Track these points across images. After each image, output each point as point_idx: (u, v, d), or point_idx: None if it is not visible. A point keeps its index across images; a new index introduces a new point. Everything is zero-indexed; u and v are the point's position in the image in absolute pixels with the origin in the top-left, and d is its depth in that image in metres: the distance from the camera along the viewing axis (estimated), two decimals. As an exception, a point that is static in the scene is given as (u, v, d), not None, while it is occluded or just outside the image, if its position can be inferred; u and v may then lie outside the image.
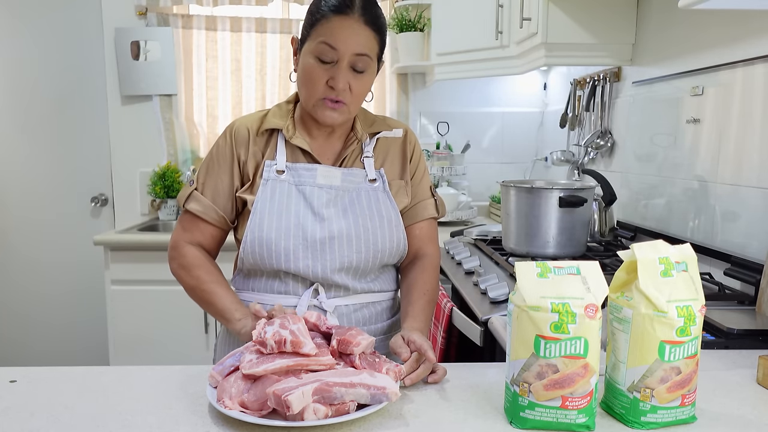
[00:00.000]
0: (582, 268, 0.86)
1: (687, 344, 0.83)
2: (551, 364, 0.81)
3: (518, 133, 3.29)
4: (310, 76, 1.15)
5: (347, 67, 1.13)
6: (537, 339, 0.82)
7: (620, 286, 0.89)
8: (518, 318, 0.83)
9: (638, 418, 0.85)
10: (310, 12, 1.17)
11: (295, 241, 1.18)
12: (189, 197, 1.25)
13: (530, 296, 0.82)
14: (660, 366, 0.83)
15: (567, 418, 0.83)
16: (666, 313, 0.82)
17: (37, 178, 3.30)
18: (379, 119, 1.30)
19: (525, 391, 0.83)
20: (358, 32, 1.13)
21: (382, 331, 1.27)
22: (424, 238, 1.31)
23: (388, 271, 1.30)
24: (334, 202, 1.21)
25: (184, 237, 1.26)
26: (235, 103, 3.19)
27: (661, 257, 0.85)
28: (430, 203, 1.31)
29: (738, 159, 1.60)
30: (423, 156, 1.34)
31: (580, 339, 0.81)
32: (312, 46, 1.14)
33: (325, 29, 1.12)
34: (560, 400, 0.82)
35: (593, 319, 0.81)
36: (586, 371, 0.82)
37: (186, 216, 1.27)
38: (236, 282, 1.30)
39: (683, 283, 0.85)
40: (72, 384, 1.00)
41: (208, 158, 1.27)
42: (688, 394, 0.85)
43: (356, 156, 1.26)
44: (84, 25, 3.20)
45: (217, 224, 1.25)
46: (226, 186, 1.24)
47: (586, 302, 0.81)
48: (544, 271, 0.85)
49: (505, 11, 2.43)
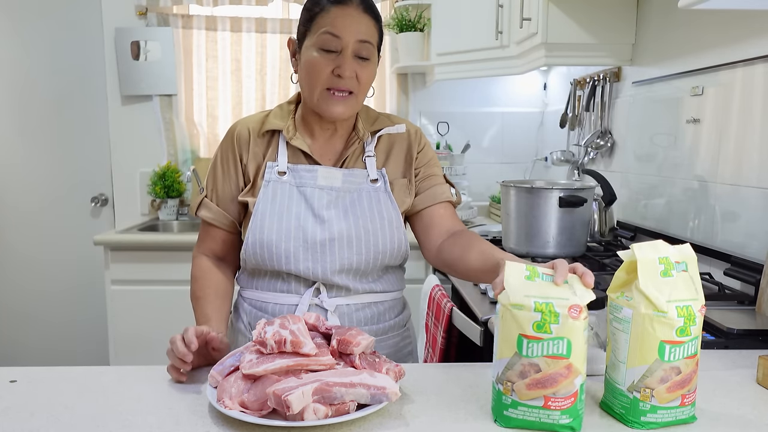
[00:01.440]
0: (570, 279, 0.85)
1: (687, 344, 0.83)
2: (533, 364, 0.81)
3: (518, 133, 3.29)
4: (314, 68, 1.14)
5: (352, 55, 1.13)
6: (520, 338, 0.82)
7: (620, 286, 0.89)
8: (503, 317, 0.84)
9: (638, 418, 0.84)
10: (307, 8, 1.17)
11: (295, 243, 1.18)
12: (200, 205, 1.28)
13: (515, 295, 0.82)
14: (660, 366, 0.83)
15: (550, 418, 0.82)
16: (666, 313, 0.82)
17: (37, 178, 3.30)
18: (382, 116, 1.29)
19: (508, 389, 0.84)
20: (359, 20, 1.13)
21: (384, 331, 1.27)
22: (449, 217, 1.26)
23: (392, 272, 1.29)
24: (335, 204, 1.21)
25: (198, 248, 1.31)
26: (235, 103, 3.19)
27: (661, 257, 0.85)
28: (447, 188, 1.29)
29: (738, 159, 1.60)
30: (434, 153, 1.33)
31: (562, 339, 0.81)
32: (314, 39, 1.14)
33: (326, 20, 1.13)
34: (543, 400, 0.82)
35: (577, 320, 0.80)
36: (569, 372, 0.81)
37: (201, 224, 1.31)
38: (241, 280, 1.31)
39: (683, 283, 0.85)
40: (72, 384, 1.00)
41: (213, 163, 1.28)
42: (688, 394, 0.85)
43: (358, 156, 1.25)
44: (84, 25, 3.20)
45: (228, 229, 1.28)
46: (232, 189, 1.26)
47: (571, 303, 0.81)
48: (532, 274, 0.85)
49: (505, 11, 2.43)
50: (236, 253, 1.30)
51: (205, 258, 1.29)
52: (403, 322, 1.33)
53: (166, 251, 2.63)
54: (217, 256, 1.30)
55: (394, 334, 1.29)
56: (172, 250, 2.62)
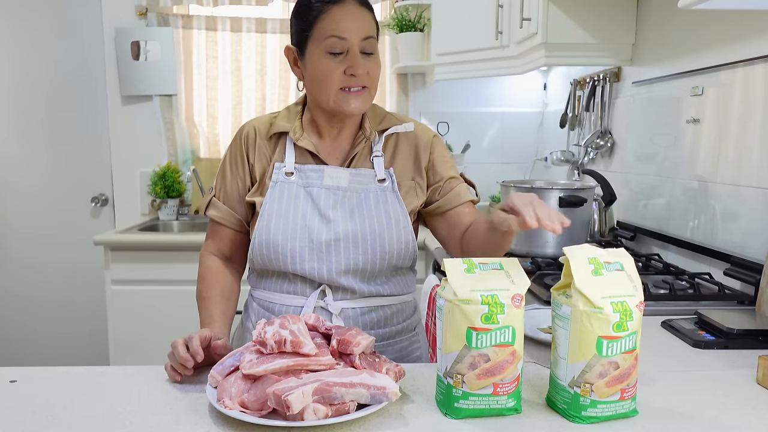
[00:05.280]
0: (504, 264, 0.90)
1: (624, 339, 0.85)
2: (483, 354, 0.85)
3: (518, 133, 3.29)
4: (326, 73, 1.14)
5: (359, 53, 1.14)
6: (469, 331, 0.85)
7: (562, 286, 0.92)
8: (450, 312, 0.86)
9: (579, 413, 0.86)
10: (301, 15, 1.16)
11: (301, 243, 1.18)
12: (209, 204, 1.29)
13: (461, 290, 0.85)
14: (598, 361, 0.85)
15: (498, 403, 0.87)
16: (602, 309, 0.84)
17: (37, 178, 3.30)
18: (390, 115, 1.28)
19: (458, 382, 0.86)
20: (359, 16, 1.14)
21: (390, 335, 1.26)
22: (473, 215, 1.26)
23: (401, 275, 1.27)
24: (341, 204, 1.20)
25: (206, 247, 1.32)
26: (235, 103, 3.19)
27: (590, 257, 0.88)
28: (465, 187, 1.28)
29: (738, 159, 1.60)
30: (447, 151, 1.30)
31: (508, 328, 0.85)
32: (318, 44, 1.14)
33: (328, 23, 1.12)
34: (492, 387, 0.86)
35: (519, 308, 0.86)
36: (513, 357, 0.86)
37: (209, 223, 1.31)
38: (251, 280, 1.32)
39: (618, 280, 0.87)
40: (72, 384, 1.00)
41: (222, 163, 1.29)
42: (628, 389, 0.87)
43: (365, 155, 1.24)
44: (84, 25, 3.20)
45: (236, 228, 1.28)
46: (240, 189, 1.26)
47: (512, 293, 0.86)
48: (470, 267, 0.89)
49: (505, 11, 2.43)
50: (244, 253, 1.30)
51: (213, 257, 1.29)
52: (411, 327, 1.32)
53: (166, 251, 2.63)
54: (225, 256, 1.30)
55: (403, 338, 1.29)
56: (172, 250, 2.62)
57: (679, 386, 0.99)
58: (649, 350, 1.15)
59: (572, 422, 0.87)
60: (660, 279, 1.67)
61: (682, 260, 1.83)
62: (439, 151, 1.28)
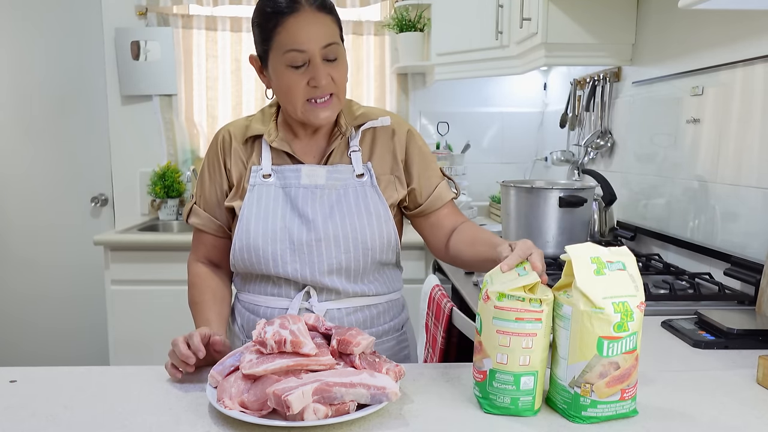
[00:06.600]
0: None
1: (625, 339, 0.85)
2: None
3: (518, 133, 3.29)
4: (289, 87, 1.13)
5: (321, 62, 1.11)
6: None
7: (563, 286, 0.92)
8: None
9: (579, 413, 0.86)
10: (259, 24, 1.14)
11: (282, 246, 1.17)
12: (190, 212, 1.29)
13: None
14: (599, 361, 0.85)
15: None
16: (603, 309, 0.84)
17: (37, 177, 3.29)
18: (364, 110, 1.26)
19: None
20: (317, 23, 1.10)
21: (377, 335, 1.25)
22: (453, 215, 1.29)
23: (387, 272, 1.27)
24: (320, 202, 1.19)
25: (192, 255, 1.32)
26: (235, 103, 3.19)
27: (593, 257, 0.88)
28: (445, 186, 1.29)
29: (738, 159, 1.60)
30: (423, 144, 1.29)
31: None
32: (278, 58, 1.12)
33: (285, 36, 1.10)
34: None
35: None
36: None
37: (193, 231, 1.31)
38: (236, 283, 1.31)
39: (619, 280, 0.87)
40: (72, 384, 1.00)
41: (201, 170, 1.29)
42: (628, 389, 0.87)
43: (342, 151, 1.23)
44: (84, 25, 3.20)
45: (218, 234, 1.28)
46: (218, 195, 1.26)
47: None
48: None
49: (505, 11, 2.43)
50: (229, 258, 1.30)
51: (201, 264, 1.29)
52: (399, 326, 1.31)
53: (166, 251, 2.63)
54: (211, 262, 1.30)
55: (389, 338, 1.28)
56: (172, 250, 2.62)
57: (679, 386, 0.99)
58: (650, 350, 1.15)
59: (572, 422, 0.87)
60: (660, 279, 1.67)
61: (682, 260, 1.83)
62: (414, 145, 1.26)
